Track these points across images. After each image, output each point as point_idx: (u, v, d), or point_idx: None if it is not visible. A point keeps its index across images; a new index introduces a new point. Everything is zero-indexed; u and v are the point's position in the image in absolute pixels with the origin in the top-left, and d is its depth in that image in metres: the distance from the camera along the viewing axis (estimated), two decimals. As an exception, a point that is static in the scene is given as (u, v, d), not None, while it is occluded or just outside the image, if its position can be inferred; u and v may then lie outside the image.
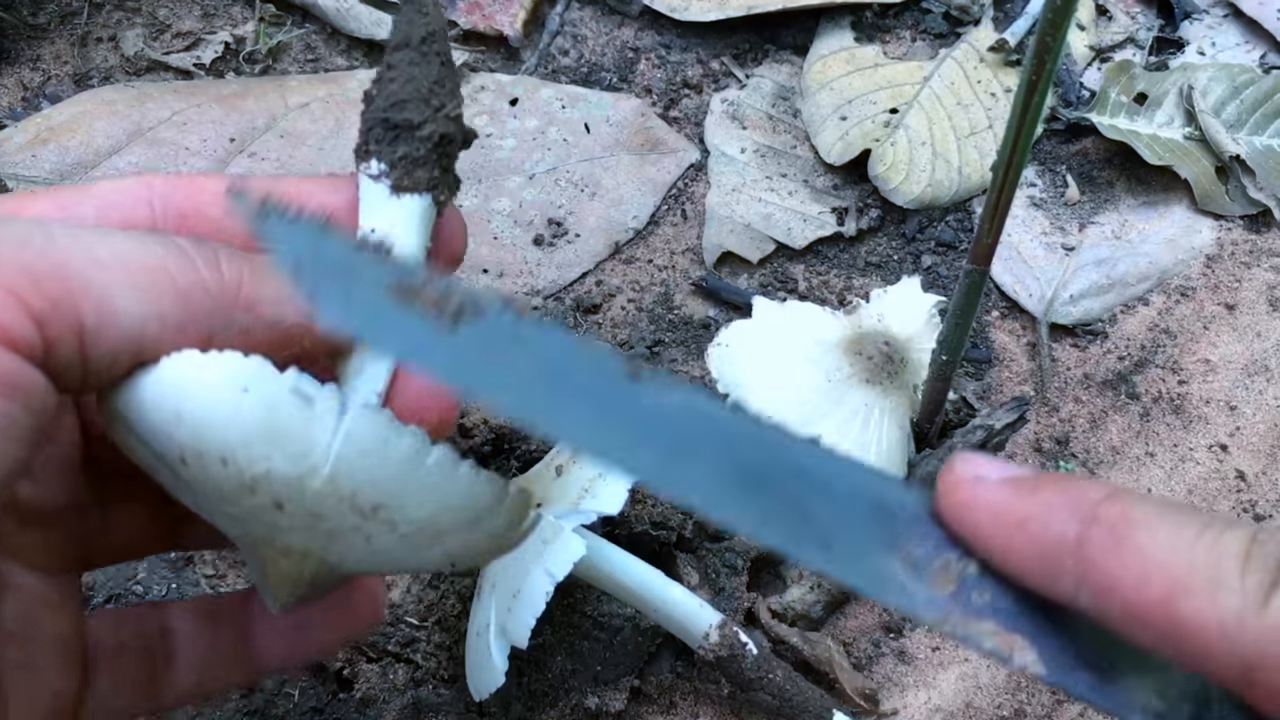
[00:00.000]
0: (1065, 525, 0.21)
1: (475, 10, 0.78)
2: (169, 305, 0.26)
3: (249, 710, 0.51)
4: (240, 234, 0.30)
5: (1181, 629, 0.20)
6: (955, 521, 0.24)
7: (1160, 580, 0.20)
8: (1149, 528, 0.21)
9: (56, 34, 0.74)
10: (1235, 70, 0.77)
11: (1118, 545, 0.21)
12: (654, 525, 0.53)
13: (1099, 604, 0.21)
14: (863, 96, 0.75)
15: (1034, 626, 0.23)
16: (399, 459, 0.27)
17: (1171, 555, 0.20)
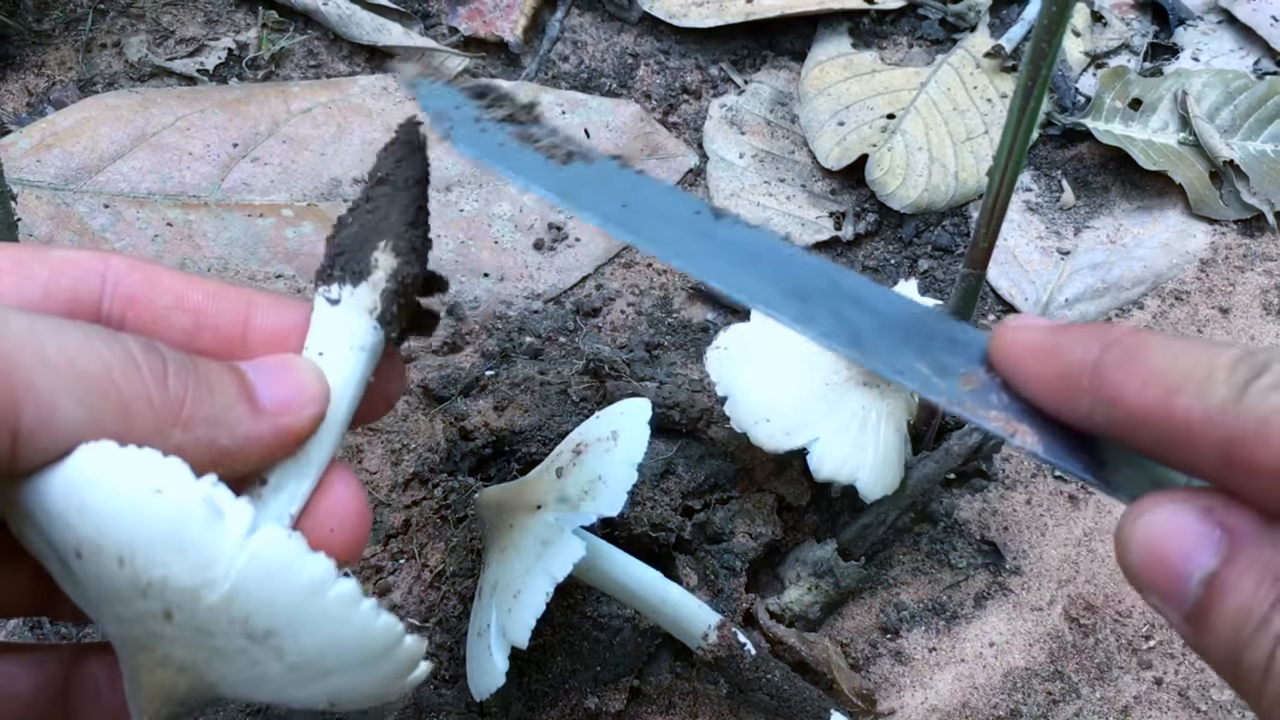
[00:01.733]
0: (1088, 350, 0.25)
1: (476, 16, 0.79)
2: (108, 416, 0.27)
3: (252, 710, 0.51)
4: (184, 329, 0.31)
5: (1174, 422, 0.23)
6: (999, 355, 0.27)
7: (1160, 384, 0.23)
8: (1157, 347, 0.24)
9: (61, 40, 0.75)
10: (1229, 76, 0.78)
11: (1129, 360, 0.24)
12: (653, 527, 0.54)
13: (1109, 413, 0.24)
14: (860, 102, 0.76)
15: (1038, 425, 0.27)
16: (301, 587, 0.27)
17: (1172, 364, 0.24)
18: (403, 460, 0.60)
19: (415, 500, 0.58)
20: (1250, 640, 0.23)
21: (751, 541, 0.56)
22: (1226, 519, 0.23)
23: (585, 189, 0.31)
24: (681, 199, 0.31)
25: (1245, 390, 0.22)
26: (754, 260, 0.30)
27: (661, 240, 0.30)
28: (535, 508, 0.47)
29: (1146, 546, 0.24)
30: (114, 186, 0.68)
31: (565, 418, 0.58)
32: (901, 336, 0.29)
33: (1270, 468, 0.22)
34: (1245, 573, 0.23)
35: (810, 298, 0.29)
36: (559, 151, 0.32)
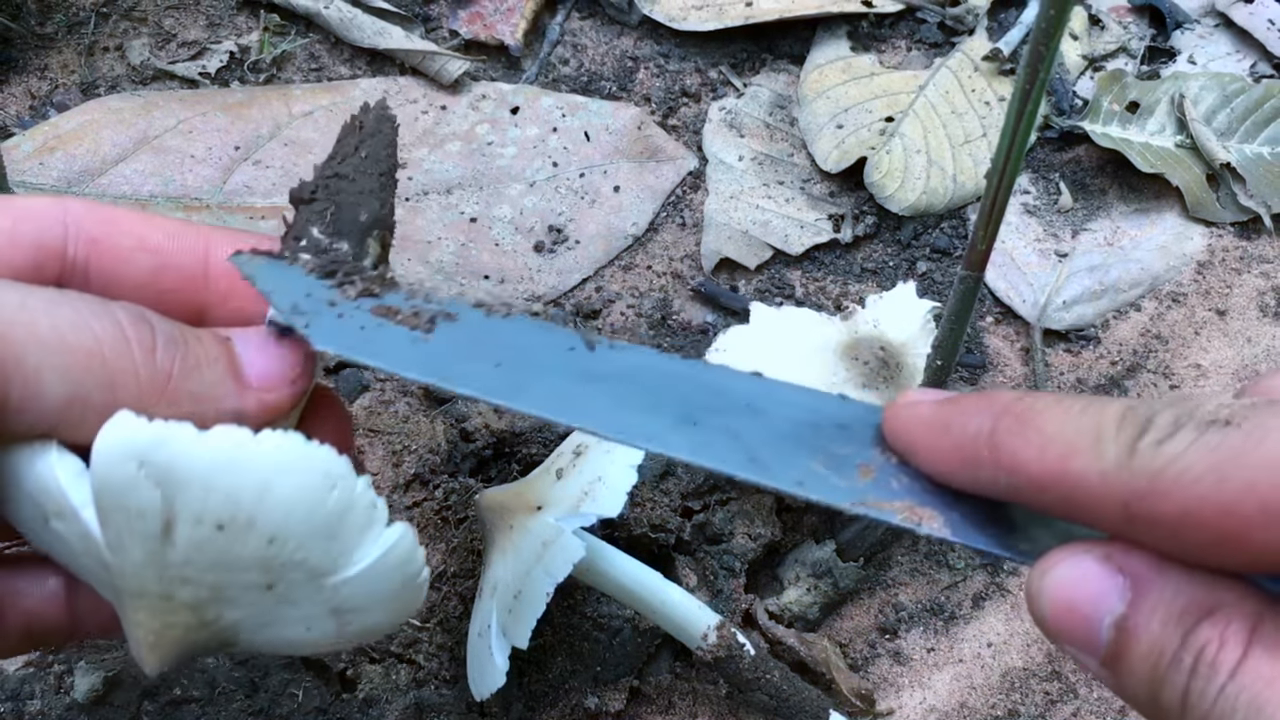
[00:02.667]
0: (981, 421, 0.26)
1: (477, 20, 0.79)
2: (95, 391, 0.27)
3: (253, 710, 0.52)
4: (147, 269, 0.32)
5: (1073, 485, 0.24)
6: (892, 436, 0.28)
7: (1055, 448, 0.24)
8: (1048, 411, 0.25)
9: (64, 43, 0.75)
10: (1226, 79, 0.78)
11: (1023, 428, 0.25)
12: (653, 528, 0.54)
13: (1010, 481, 0.25)
14: (859, 105, 0.76)
15: (943, 503, 0.27)
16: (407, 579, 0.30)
17: (1063, 427, 0.24)
18: (403, 462, 0.60)
19: (416, 501, 0.59)
20: (1165, 678, 0.23)
21: (750, 542, 0.56)
22: (1126, 563, 0.24)
23: (454, 359, 0.30)
24: (554, 337, 0.31)
25: (1134, 448, 0.23)
26: (637, 391, 0.29)
27: (539, 398, 0.29)
28: (535, 509, 0.47)
29: (1055, 598, 0.25)
30: (116, 189, 0.69)
31: (565, 419, 0.59)
32: (793, 440, 0.28)
33: (1168, 518, 0.23)
34: (1152, 613, 0.24)
35: (699, 420, 0.29)
36: (421, 319, 0.31)
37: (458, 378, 0.30)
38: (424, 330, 0.30)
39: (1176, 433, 0.23)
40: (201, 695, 0.51)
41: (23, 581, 0.34)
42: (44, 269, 0.32)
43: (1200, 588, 0.23)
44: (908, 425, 0.28)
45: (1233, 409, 0.23)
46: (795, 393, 0.29)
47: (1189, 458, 0.22)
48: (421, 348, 0.30)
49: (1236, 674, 0.22)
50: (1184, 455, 0.22)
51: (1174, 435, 0.23)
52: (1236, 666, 0.22)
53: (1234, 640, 0.23)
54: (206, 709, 0.51)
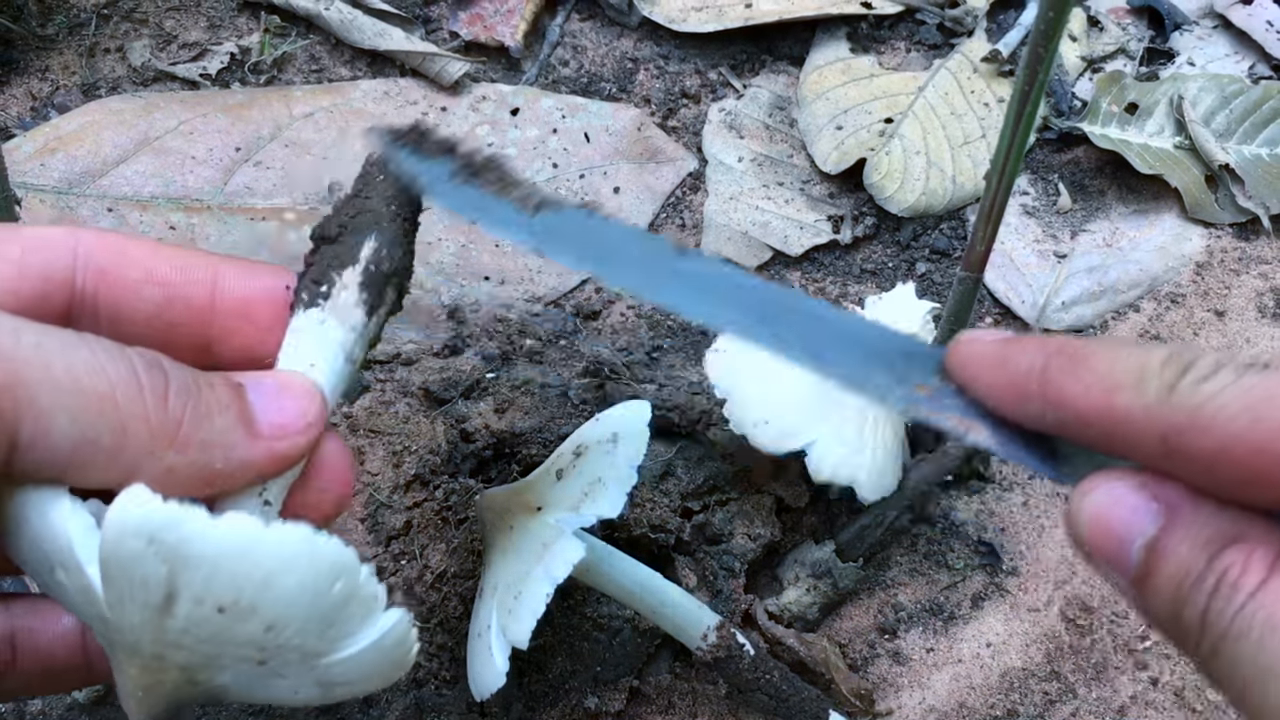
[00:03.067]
0: (1035, 358, 0.28)
1: (477, 21, 0.80)
2: (106, 435, 0.27)
3: (254, 710, 0.52)
4: (155, 301, 0.32)
5: (1116, 419, 0.26)
6: (956, 367, 0.30)
7: (1101, 385, 0.26)
8: (1098, 351, 0.27)
9: (65, 45, 0.75)
10: (1224, 80, 0.78)
11: (1073, 366, 0.27)
12: (653, 528, 0.54)
13: (1057, 415, 0.27)
14: (858, 106, 0.76)
15: (991, 423, 0.29)
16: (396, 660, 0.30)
17: (1111, 366, 0.26)
18: (404, 462, 0.60)
19: (416, 502, 0.59)
20: (1188, 597, 0.25)
21: (750, 543, 0.56)
22: (1161, 492, 0.26)
23: (555, 234, 0.33)
24: (647, 239, 0.34)
25: (1176, 386, 0.24)
26: (717, 288, 0.32)
27: (629, 275, 0.32)
28: (536, 509, 0.47)
29: (1093, 519, 0.26)
30: (117, 190, 0.69)
31: (565, 420, 0.59)
32: (860, 351, 0.31)
33: (1204, 453, 0.24)
34: (1181, 538, 0.25)
35: (772, 319, 0.31)
36: (529, 202, 0.34)
37: (557, 248, 0.33)
38: (531, 210, 0.34)
39: (1217, 373, 0.24)
40: (202, 695, 0.51)
41: (38, 621, 0.34)
42: (51, 299, 0.32)
43: (1229, 518, 0.25)
44: (968, 357, 0.29)
45: (1273, 355, 0.24)
46: (867, 322, 0.32)
47: (1226, 396, 0.24)
48: (527, 220, 0.33)
49: (1257, 595, 0.24)
50: (1222, 394, 0.24)
51: (1214, 375, 0.24)
52: (1257, 589, 0.24)
53: (1257, 566, 0.24)
54: (208, 709, 0.52)
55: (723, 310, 0.32)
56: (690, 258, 0.33)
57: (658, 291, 0.32)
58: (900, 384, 0.30)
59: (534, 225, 0.33)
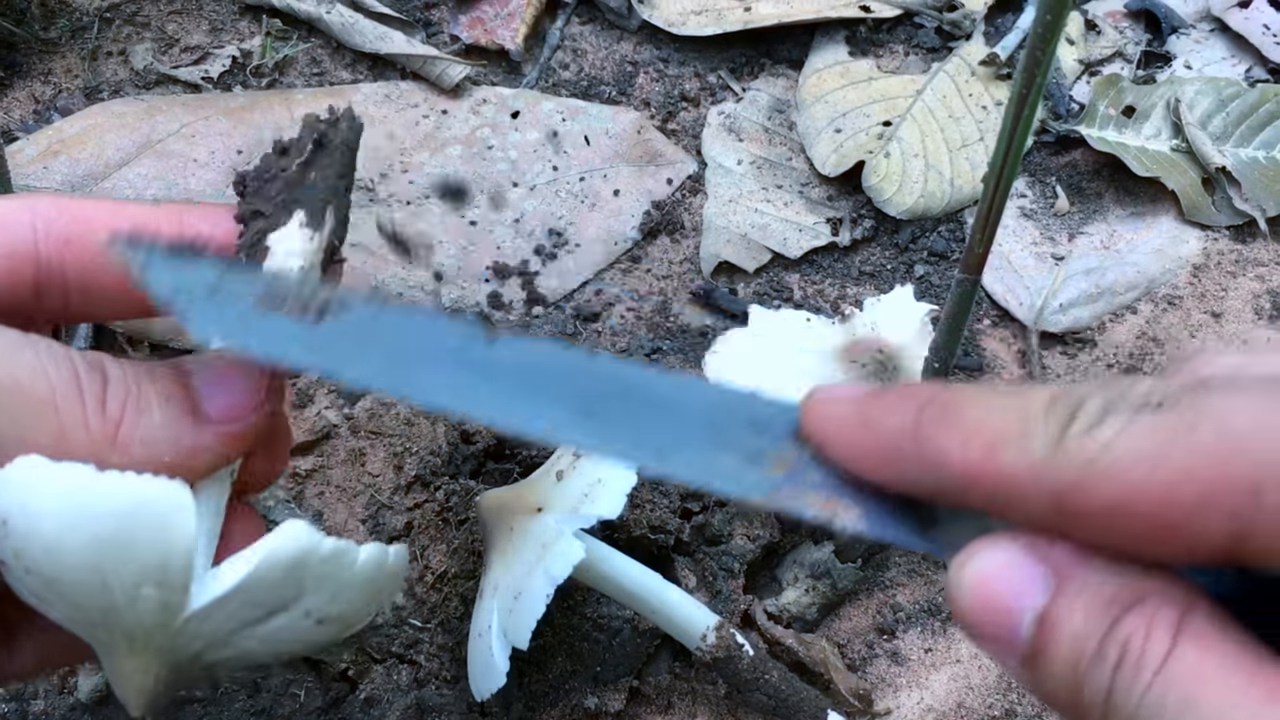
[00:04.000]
0: (904, 415, 0.24)
1: (477, 25, 0.80)
2: (45, 439, 0.27)
3: (255, 710, 0.52)
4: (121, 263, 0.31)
5: (1000, 479, 0.23)
6: (812, 432, 0.27)
7: (980, 440, 0.23)
8: (972, 402, 0.24)
9: (67, 48, 0.76)
10: (1221, 84, 0.79)
11: (947, 420, 0.24)
12: (652, 529, 0.55)
13: (935, 477, 0.24)
14: (857, 109, 0.77)
15: (859, 495, 0.26)
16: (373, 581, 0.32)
17: (989, 417, 0.23)
18: (405, 464, 0.60)
19: (417, 503, 0.59)
20: (1086, 674, 0.22)
21: (749, 544, 0.57)
22: (1050, 554, 0.23)
23: (342, 345, 0.28)
24: (450, 329, 0.29)
25: (1063, 437, 0.22)
26: (538, 382, 0.28)
27: (431, 387, 0.28)
28: (536, 510, 0.47)
29: (975, 591, 0.23)
30: (120, 193, 0.69)
31: (565, 421, 0.59)
32: (704, 432, 0.27)
33: (1101, 510, 0.21)
34: (1074, 605, 0.22)
35: (602, 414, 0.27)
36: (310, 308, 0.29)
37: (344, 366, 0.28)
38: (312, 319, 0.29)
39: (1106, 418, 0.21)
40: (204, 695, 0.52)
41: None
42: (18, 275, 0.31)
43: (1126, 578, 0.22)
44: (825, 419, 0.26)
45: (1164, 392, 0.21)
46: (706, 388, 0.28)
47: (1121, 445, 0.21)
48: (307, 335, 0.29)
49: (1164, 668, 0.21)
50: (1115, 442, 0.21)
51: (1104, 421, 0.21)
52: (1164, 661, 0.21)
53: (1161, 631, 0.21)
54: (209, 709, 0.52)
55: (544, 410, 0.27)
56: (504, 344, 0.28)
57: (467, 401, 0.28)
58: (754, 464, 0.26)
59: (315, 340, 0.28)
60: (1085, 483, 0.21)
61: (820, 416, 0.26)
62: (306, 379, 0.63)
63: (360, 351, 0.28)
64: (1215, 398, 0.21)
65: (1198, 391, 0.21)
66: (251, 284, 0.30)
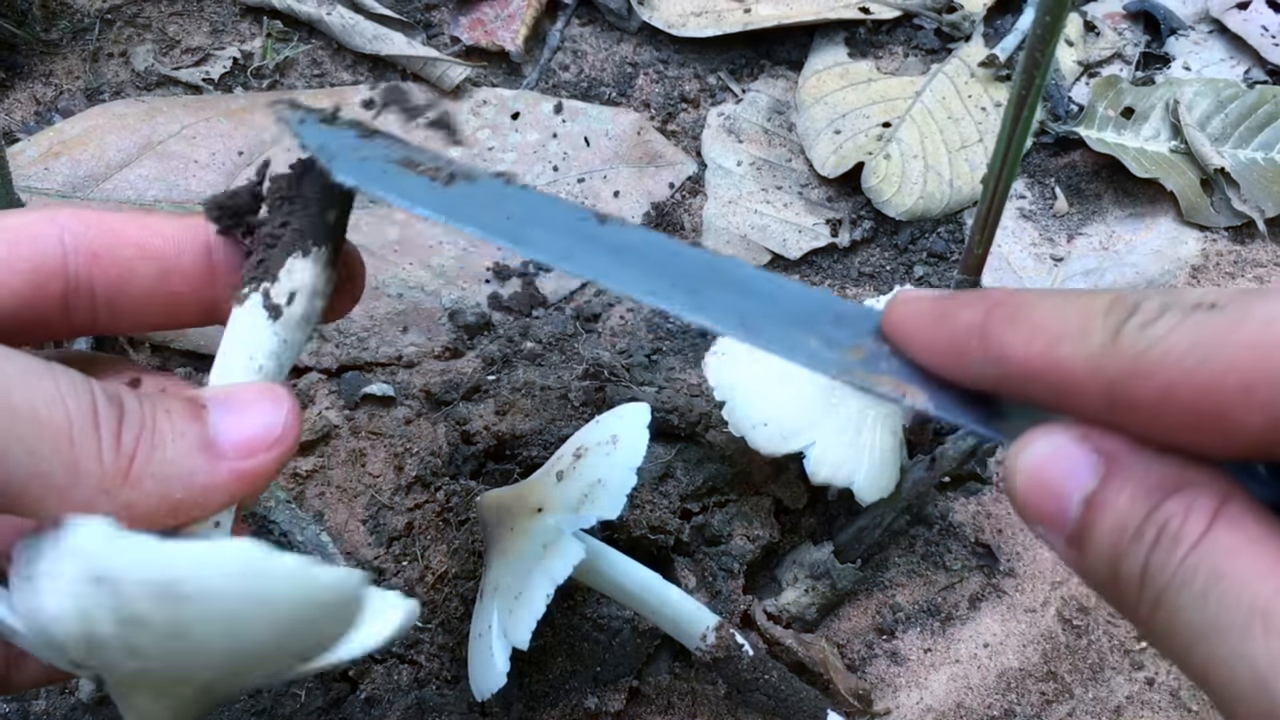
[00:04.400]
0: (973, 313, 0.26)
1: (478, 26, 0.80)
2: (59, 472, 0.27)
3: (256, 710, 0.52)
4: (151, 276, 0.32)
5: (1059, 371, 0.24)
6: (891, 328, 0.29)
7: (1043, 336, 0.24)
8: (1038, 302, 0.25)
9: (69, 49, 0.76)
10: (1220, 85, 0.79)
11: (1013, 318, 0.25)
12: (652, 530, 0.55)
13: (999, 371, 0.26)
14: (856, 111, 0.77)
15: (928, 384, 0.28)
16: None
17: (1052, 316, 0.25)
18: (405, 464, 0.60)
19: (418, 503, 0.59)
20: (1126, 552, 0.23)
21: (749, 544, 0.57)
22: (1102, 443, 0.24)
23: (468, 205, 0.31)
24: (566, 207, 0.32)
25: (1119, 332, 0.23)
26: (640, 256, 0.30)
27: (545, 245, 0.30)
28: (536, 511, 0.47)
29: (1029, 474, 0.25)
30: (121, 194, 0.69)
31: (566, 422, 0.59)
32: (789, 317, 0.29)
33: (1149, 399, 0.23)
34: (1121, 489, 0.24)
35: (697, 287, 0.30)
36: (441, 174, 0.32)
37: (468, 218, 0.31)
38: (443, 181, 0.32)
39: (1162, 315, 0.23)
40: (205, 695, 0.52)
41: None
42: (46, 290, 0.31)
43: (1172, 467, 0.23)
44: (904, 317, 0.28)
45: (1219, 294, 0.23)
46: (797, 286, 0.30)
47: (1172, 339, 0.22)
48: (438, 192, 0.31)
49: (1199, 546, 0.22)
50: (1168, 337, 0.22)
51: (1159, 318, 0.23)
52: (1199, 539, 0.22)
53: (1199, 515, 0.23)
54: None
55: (644, 279, 0.30)
56: (613, 226, 0.31)
57: (574, 260, 0.30)
58: (832, 348, 0.29)
59: (445, 197, 0.31)
60: (1137, 373, 0.23)
61: (899, 314, 0.28)
62: (307, 380, 0.63)
63: (483, 211, 0.31)
64: (1263, 300, 0.22)
65: (1249, 295, 0.23)
66: (390, 149, 0.33)
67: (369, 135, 0.34)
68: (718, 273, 0.30)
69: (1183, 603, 0.22)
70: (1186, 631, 0.22)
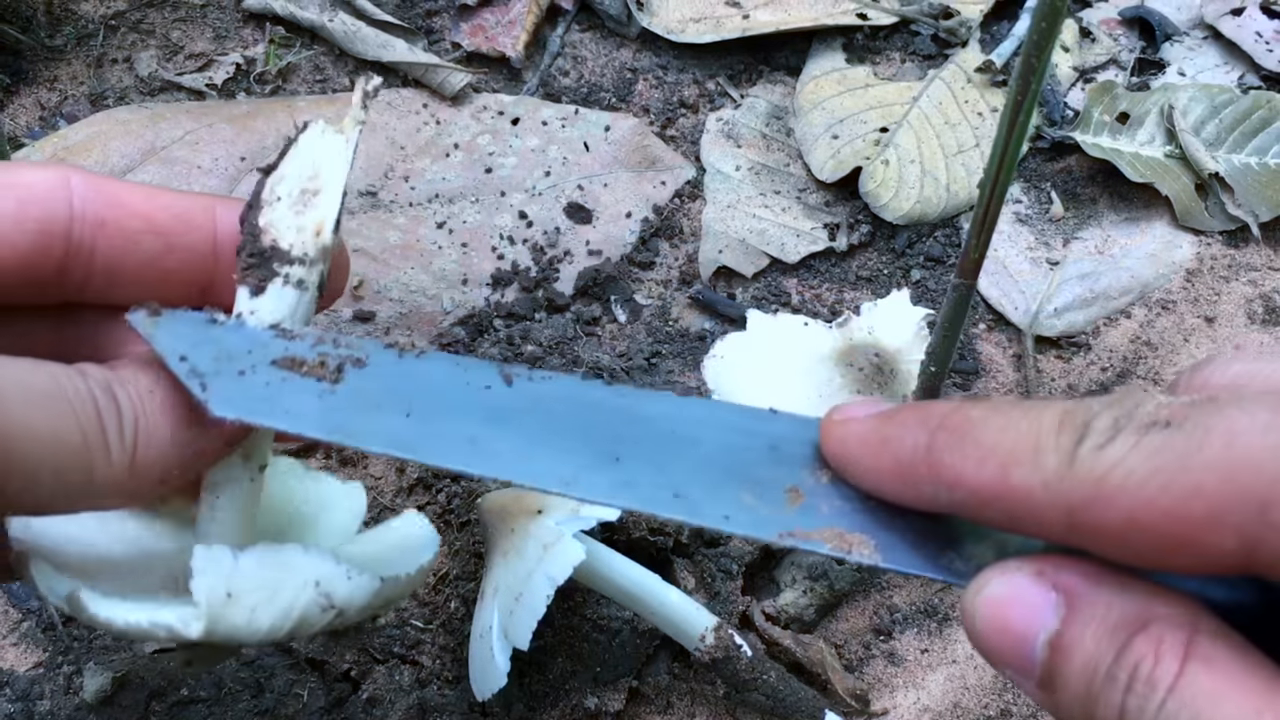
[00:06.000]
0: (918, 436, 0.25)
1: (479, 32, 0.81)
2: (75, 479, 0.28)
3: (259, 710, 0.52)
4: (154, 250, 0.32)
5: (1015, 497, 0.23)
6: (832, 455, 0.27)
7: (994, 460, 0.23)
8: (984, 421, 0.24)
9: (73, 55, 0.77)
10: (1214, 90, 0.80)
11: (960, 441, 0.24)
12: (651, 531, 0.55)
13: (951, 496, 0.25)
14: (854, 116, 0.78)
15: (875, 524, 0.26)
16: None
17: (1001, 437, 0.24)
18: (407, 467, 0.61)
19: (419, 505, 0.60)
20: (1099, 696, 0.23)
21: (747, 546, 0.57)
22: (1059, 579, 0.24)
23: (362, 409, 0.28)
24: (470, 375, 0.29)
25: (1075, 455, 0.22)
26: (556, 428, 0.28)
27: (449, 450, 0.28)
28: (536, 512, 0.48)
29: (989, 617, 0.24)
30: (124, 199, 0.70)
31: (566, 424, 0.60)
32: (721, 468, 0.27)
33: (1114, 526, 0.22)
34: (1085, 628, 0.23)
35: (621, 454, 0.27)
36: (329, 368, 0.29)
37: (363, 434, 0.28)
38: (331, 380, 0.29)
39: (1116, 436, 0.22)
40: (208, 695, 0.52)
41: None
42: (49, 251, 0.31)
43: (1134, 601, 0.23)
44: (843, 442, 0.27)
45: (1172, 409, 0.22)
46: (726, 412, 0.28)
47: (1131, 462, 0.22)
48: (328, 401, 0.28)
49: (1175, 690, 0.22)
50: (1125, 460, 0.22)
51: (1114, 439, 0.22)
52: (1174, 682, 0.22)
53: (1170, 654, 0.22)
54: (213, 709, 0.52)
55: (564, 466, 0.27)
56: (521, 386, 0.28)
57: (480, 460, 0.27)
58: (771, 503, 0.27)
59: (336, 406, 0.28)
60: (1097, 500, 0.22)
61: (837, 438, 0.27)
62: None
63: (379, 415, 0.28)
64: (1220, 415, 0.21)
65: (1204, 408, 0.22)
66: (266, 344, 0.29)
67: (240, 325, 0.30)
68: (641, 423, 0.28)
69: None
70: None
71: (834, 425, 0.27)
